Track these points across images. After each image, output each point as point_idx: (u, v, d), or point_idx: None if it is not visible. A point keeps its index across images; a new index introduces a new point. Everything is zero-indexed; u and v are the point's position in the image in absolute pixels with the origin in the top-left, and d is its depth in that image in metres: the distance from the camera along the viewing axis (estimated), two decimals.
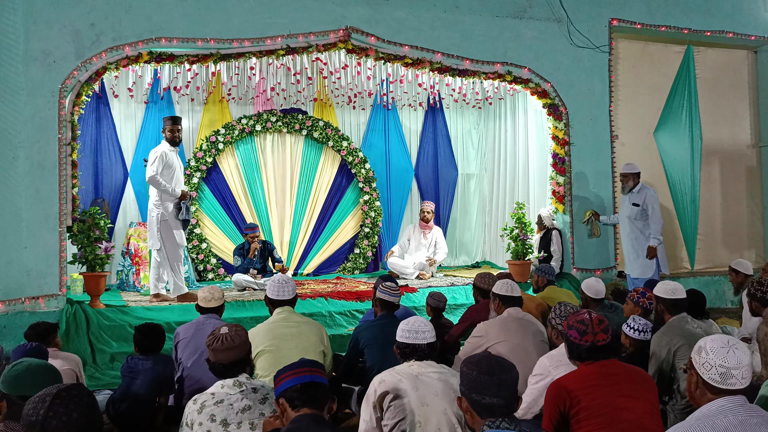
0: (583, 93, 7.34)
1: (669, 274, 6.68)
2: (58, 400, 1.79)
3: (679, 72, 7.97)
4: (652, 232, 6.44)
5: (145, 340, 3.83)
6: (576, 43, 7.29)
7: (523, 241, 7.31)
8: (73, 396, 1.82)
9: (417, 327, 2.79)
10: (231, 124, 8.13)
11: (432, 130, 9.43)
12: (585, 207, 7.26)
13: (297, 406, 2.10)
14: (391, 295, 3.97)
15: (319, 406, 2.11)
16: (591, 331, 2.58)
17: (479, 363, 2.11)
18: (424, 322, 2.85)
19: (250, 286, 6.77)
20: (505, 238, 7.82)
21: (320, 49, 6.48)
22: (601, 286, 4.66)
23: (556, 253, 7.26)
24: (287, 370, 2.18)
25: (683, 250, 7.99)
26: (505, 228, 7.68)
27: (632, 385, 2.53)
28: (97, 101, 7.68)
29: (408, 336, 2.78)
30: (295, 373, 2.15)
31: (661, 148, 7.91)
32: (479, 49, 6.95)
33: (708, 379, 1.94)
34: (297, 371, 2.15)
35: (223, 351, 2.57)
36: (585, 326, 2.60)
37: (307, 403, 2.10)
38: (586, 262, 7.29)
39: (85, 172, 7.10)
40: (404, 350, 2.78)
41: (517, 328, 3.69)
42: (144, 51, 5.88)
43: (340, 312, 5.93)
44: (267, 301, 3.77)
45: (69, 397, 1.81)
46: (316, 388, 2.12)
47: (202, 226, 8.04)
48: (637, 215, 6.50)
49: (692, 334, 3.55)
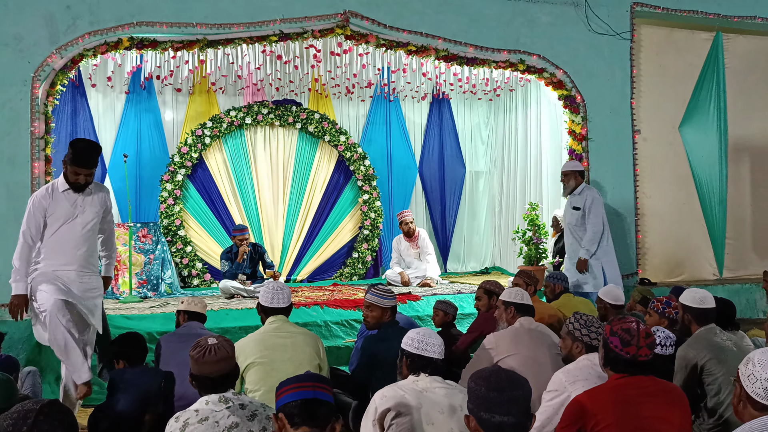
0: (602, 84, 7.33)
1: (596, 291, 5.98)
2: (42, 417, 1.82)
3: (706, 61, 7.95)
4: (584, 242, 5.99)
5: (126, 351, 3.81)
6: (594, 30, 7.28)
7: (537, 245, 7.30)
8: (56, 413, 1.85)
9: (428, 339, 2.81)
10: (218, 117, 8.13)
11: (437, 123, 9.43)
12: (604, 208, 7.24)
13: (296, 424, 2.08)
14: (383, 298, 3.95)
15: (321, 425, 2.09)
16: (635, 344, 2.56)
17: (488, 378, 2.10)
18: (435, 334, 2.87)
19: (239, 293, 6.76)
20: (517, 242, 7.81)
21: (316, 35, 6.47)
22: (620, 292, 4.65)
23: None
24: (290, 383, 2.16)
25: (711, 255, 7.97)
26: (516, 231, 7.68)
27: (666, 405, 2.51)
28: (74, 91, 7.69)
29: (418, 347, 2.79)
30: (297, 387, 2.13)
31: (687, 143, 7.89)
32: (489, 35, 6.94)
33: (752, 393, 1.94)
34: (300, 385, 2.14)
35: (212, 363, 2.56)
36: (630, 336, 2.58)
37: (307, 421, 2.08)
38: None
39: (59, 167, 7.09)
40: (417, 362, 2.77)
41: (530, 339, 3.68)
42: (124, 36, 5.87)
43: (336, 322, 5.92)
44: (259, 308, 3.76)
45: (52, 414, 1.84)
46: (318, 406, 2.10)
47: (186, 228, 8.04)
48: (578, 221, 6.08)
49: (721, 347, 3.54)
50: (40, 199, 4.10)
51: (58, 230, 4.09)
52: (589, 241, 6.00)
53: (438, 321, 5.08)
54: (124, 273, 6.96)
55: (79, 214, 4.15)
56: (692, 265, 7.81)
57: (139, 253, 7.17)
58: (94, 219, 4.21)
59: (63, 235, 4.10)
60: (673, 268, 7.70)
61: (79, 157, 4.05)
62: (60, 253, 4.10)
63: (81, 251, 4.14)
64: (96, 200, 4.24)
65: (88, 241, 4.20)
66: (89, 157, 4.10)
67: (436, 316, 5.09)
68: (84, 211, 4.17)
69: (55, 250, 4.10)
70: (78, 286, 4.12)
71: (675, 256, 7.73)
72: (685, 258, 7.79)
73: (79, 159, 4.05)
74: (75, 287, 4.10)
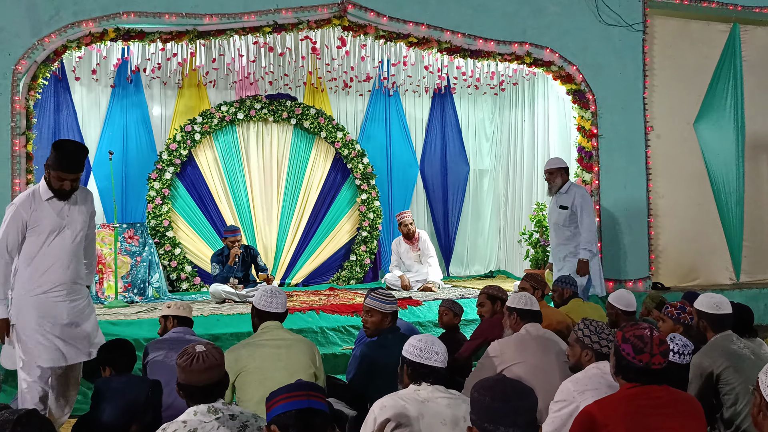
0: (614, 77, 7.33)
1: (605, 294, 6.27)
2: (20, 428, 1.83)
3: (723, 53, 7.96)
4: (582, 243, 5.97)
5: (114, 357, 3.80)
6: (605, 20, 7.29)
7: (544, 248, 7.30)
8: (34, 423, 1.86)
9: (430, 347, 2.81)
10: (209, 112, 8.13)
11: (440, 119, 9.43)
12: (615, 208, 7.26)
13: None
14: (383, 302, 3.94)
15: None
16: (649, 351, 2.56)
17: (492, 388, 2.10)
18: (437, 341, 2.87)
19: (230, 298, 6.75)
20: (523, 244, 7.82)
21: (312, 26, 6.48)
22: (631, 298, 4.65)
23: None
24: (281, 393, 2.16)
25: (727, 258, 7.98)
26: (523, 232, 7.68)
27: (680, 416, 2.51)
28: (56, 85, 7.69)
29: (420, 354, 2.79)
30: (290, 397, 2.13)
31: (703, 140, 7.90)
32: (494, 26, 6.95)
33: None
34: (293, 395, 2.14)
35: (200, 372, 2.55)
36: (643, 344, 2.58)
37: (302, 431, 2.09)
38: (616, 272, 7.28)
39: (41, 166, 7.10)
40: (418, 371, 2.78)
41: (536, 347, 3.68)
42: (110, 27, 5.87)
43: (333, 328, 5.91)
44: (253, 312, 3.75)
45: (31, 424, 1.85)
46: (313, 415, 2.10)
47: (175, 229, 8.04)
48: (566, 221, 6.07)
49: (739, 355, 3.54)
50: (20, 208, 3.74)
51: (47, 246, 3.77)
52: (588, 241, 6.00)
53: (447, 320, 5.03)
54: (109, 276, 6.95)
55: (67, 225, 3.83)
56: (708, 269, 7.82)
57: (125, 256, 7.17)
58: (83, 229, 3.91)
59: (53, 251, 3.78)
60: (687, 272, 7.71)
61: (65, 161, 3.72)
62: (50, 273, 3.78)
63: (71, 268, 3.85)
64: (84, 208, 3.94)
65: (77, 254, 3.92)
66: (76, 160, 3.76)
67: (445, 316, 5.03)
68: (72, 222, 3.85)
69: (43, 271, 3.77)
70: (69, 311, 3.84)
71: (689, 259, 7.73)
72: (700, 261, 7.79)
73: (64, 163, 3.72)
74: (65, 314, 3.82)
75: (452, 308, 4.99)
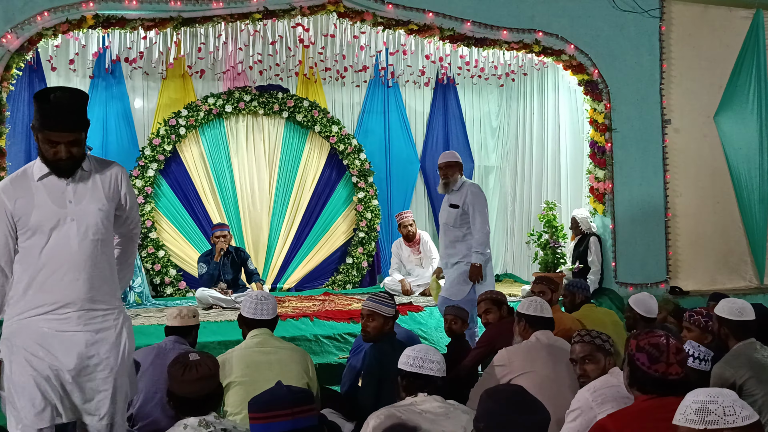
0: (629, 67, 7.34)
1: None
2: None
3: (745, 42, 7.97)
4: (474, 245, 5.71)
5: None
6: (619, 6, 7.29)
7: (554, 250, 7.31)
8: None
9: (425, 356, 2.84)
10: (195, 104, 8.13)
11: (442, 112, 9.43)
12: (630, 207, 7.25)
13: None
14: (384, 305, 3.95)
15: None
16: (665, 360, 2.55)
17: (509, 396, 2.11)
18: (434, 350, 2.90)
19: (218, 303, 6.75)
20: (531, 246, 7.81)
21: (305, 12, 6.47)
22: (653, 303, 4.65)
23: (595, 265, 7.25)
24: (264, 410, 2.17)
25: (750, 260, 7.99)
26: (531, 233, 7.67)
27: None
28: (31, 75, 7.67)
29: (414, 364, 2.83)
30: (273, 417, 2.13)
31: (723, 135, 7.91)
32: (500, 12, 6.94)
33: None
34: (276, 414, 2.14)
35: (192, 382, 2.55)
36: (659, 352, 2.57)
37: None
38: (631, 275, 7.28)
39: (15, 161, 7.08)
40: (414, 382, 2.81)
41: (546, 356, 3.68)
42: (89, 14, 5.86)
43: (328, 336, 5.92)
44: (240, 321, 3.76)
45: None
46: None
47: (159, 230, 8.03)
48: (456, 221, 5.81)
49: (762, 364, 3.54)
50: (2, 196, 2.74)
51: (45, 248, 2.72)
52: (481, 243, 5.72)
53: (457, 329, 5.00)
54: None
55: (71, 215, 2.74)
56: (729, 272, 7.82)
57: None
58: (101, 222, 2.80)
59: (50, 255, 2.71)
60: (706, 275, 7.71)
61: (54, 113, 2.64)
62: (47, 289, 2.71)
63: (81, 279, 2.74)
64: (99, 186, 2.82)
65: (95, 258, 2.78)
66: (69, 111, 2.67)
67: (454, 324, 5.00)
68: (81, 210, 2.77)
69: (38, 286, 2.72)
70: (80, 347, 2.71)
71: (709, 261, 7.73)
72: (721, 263, 7.79)
73: (53, 115, 2.64)
74: (73, 353, 2.70)
75: (460, 315, 4.98)
